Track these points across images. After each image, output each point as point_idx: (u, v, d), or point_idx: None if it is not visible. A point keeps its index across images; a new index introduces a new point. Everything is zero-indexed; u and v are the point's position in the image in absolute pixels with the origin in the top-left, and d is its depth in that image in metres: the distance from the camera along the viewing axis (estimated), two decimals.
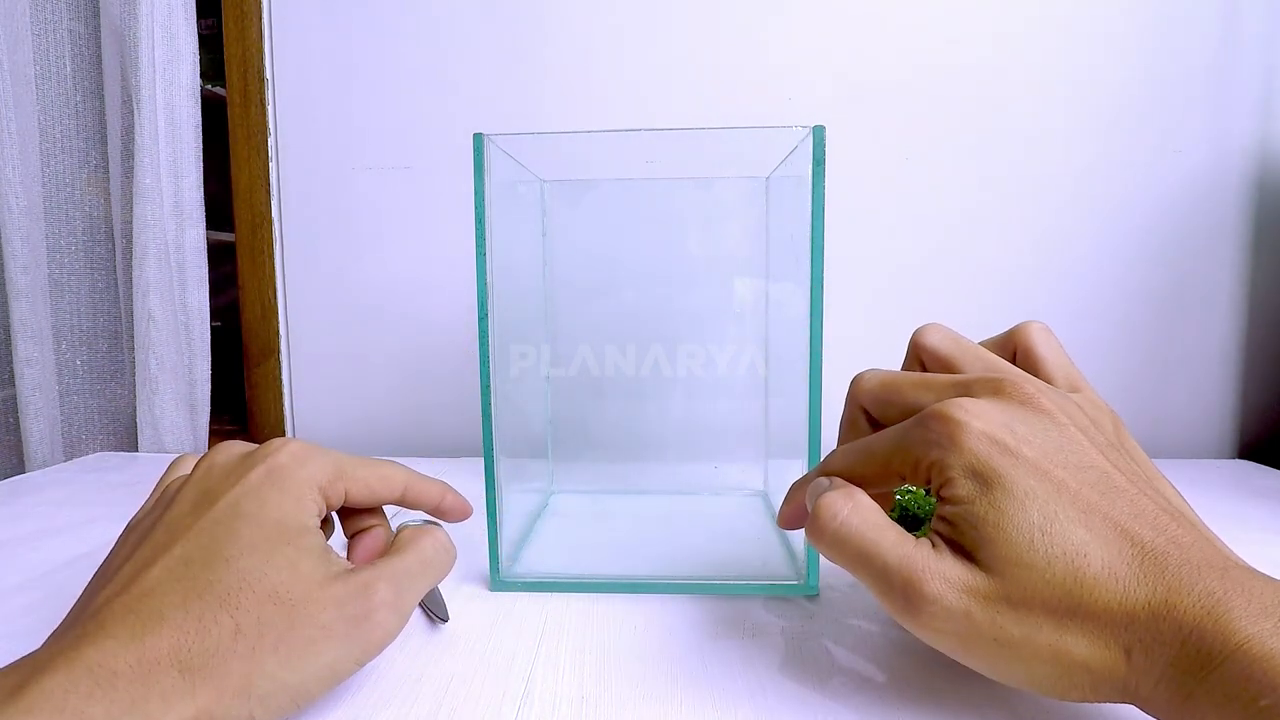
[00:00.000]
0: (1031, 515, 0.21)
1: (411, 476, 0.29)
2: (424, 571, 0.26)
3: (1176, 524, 0.21)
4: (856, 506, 0.24)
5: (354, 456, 0.28)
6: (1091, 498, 0.21)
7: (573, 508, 0.49)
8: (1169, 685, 0.19)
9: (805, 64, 0.66)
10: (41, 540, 0.43)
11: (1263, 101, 0.64)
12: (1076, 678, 0.21)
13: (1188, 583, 0.19)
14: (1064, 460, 0.22)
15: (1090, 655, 0.20)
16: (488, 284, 0.34)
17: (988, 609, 0.21)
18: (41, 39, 0.67)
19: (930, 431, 0.23)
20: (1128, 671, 0.20)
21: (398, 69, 0.68)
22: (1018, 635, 0.21)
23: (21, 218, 0.64)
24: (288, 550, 0.23)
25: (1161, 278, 0.66)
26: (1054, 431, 0.23)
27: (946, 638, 0.22)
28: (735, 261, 0.47)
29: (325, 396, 0.72)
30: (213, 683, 0.20)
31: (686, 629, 0.32)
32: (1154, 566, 0.20)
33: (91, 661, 0.19)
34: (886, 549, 0.23)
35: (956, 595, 0.21)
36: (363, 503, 0.28)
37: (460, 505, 0.31)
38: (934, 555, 0.22)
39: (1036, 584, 0.21)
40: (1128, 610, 0.20)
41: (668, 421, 0.50)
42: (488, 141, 0.34)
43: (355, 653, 0.23)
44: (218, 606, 0.21)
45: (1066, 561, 0.20)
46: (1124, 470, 0.22)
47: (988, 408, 0.23)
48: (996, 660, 0.22)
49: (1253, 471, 0.60)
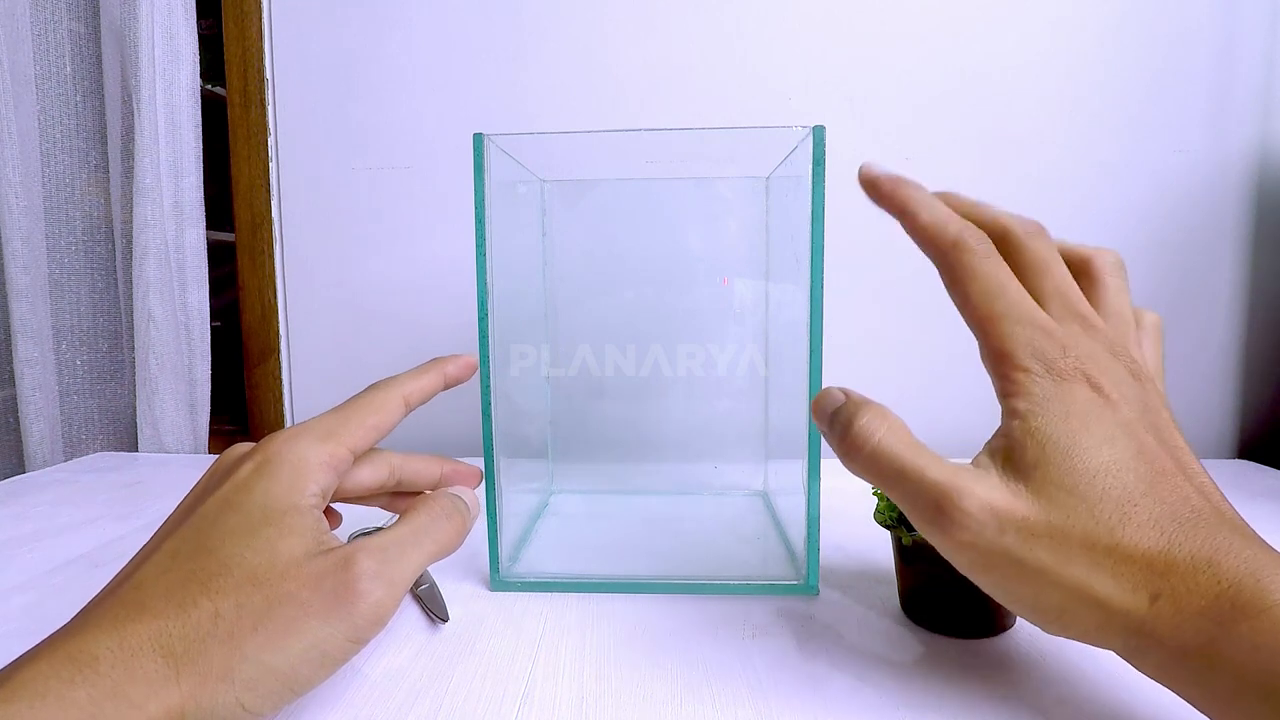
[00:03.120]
0: (1103, 453, 0.22)
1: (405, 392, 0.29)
2: (416, 540, 0.25)
3: (1226, 503, 0.22)
4: (892, 427, 0.24)
5: (339, 409, 0.27)
6: (1162, 459, 0.22)
7: (573, 508, 0.49)
8: (1189, 632, 0.20)
9: (805, 64, 0.66)
10: (41, 540, 0.43)
11: (1263, 102, 0.64)
12: (1087, 614, 0.21)
13: (1235, 547, 0.20)
14: (1149, 421, 0.23)
15: (1113, 594, 0.21)
16: (488, 284, 0.34)
17: (1023, 532, 0.22)
18: (41, 39, 0.67)
19: (1040, 340, 0.24)
20: (1146, 614, 0.20)
21: (398, 69, 0.68)
22: (1048, 563, 0.21)
23: (21, 218, 0.64)
24: (268, 531, 0.22)
25: (1161, 278, 0.66)
26: (1147, 397, 0.24)
27: (969, 553, 0.22)
28: (735, 262, 0.47)
29: (325, 396, 0.72)
30: (195, 668, 0.20)
31: (686, 629, 0.32)
32: (1204, 527, 0.21)
33: (73, 649, 0.19)
34: (925, 465, 0.23)
35: (992, 516, 0.22)
36: (370, 441, 0.27)
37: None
38: (976, 474, 0.23)
39: (1084, 517, 0.21)
40: (1169, 559, 0.20)
41: (668, 421, 0.50)
42: (488, 141, 0.34)
43: (343, 629, 0.22)
44: (198, 592, 0.21)
45: (1118, 504, 0.21)
46: (1187, 460, 0.23)
47: (1098, 353, 0.24)
48: (1011, 582, 0.22)
49: (1253, 471, 0.60)
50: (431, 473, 0.30)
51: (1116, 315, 0.26)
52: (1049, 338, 0.24)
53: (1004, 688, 0.26)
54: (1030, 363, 0.24)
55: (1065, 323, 0.25)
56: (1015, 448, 0.23)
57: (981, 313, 0.25)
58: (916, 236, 0.27)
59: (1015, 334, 0.24)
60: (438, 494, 0.28)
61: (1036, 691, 0.26)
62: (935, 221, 0.26)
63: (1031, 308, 0.25)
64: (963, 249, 0.25)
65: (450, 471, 0.31)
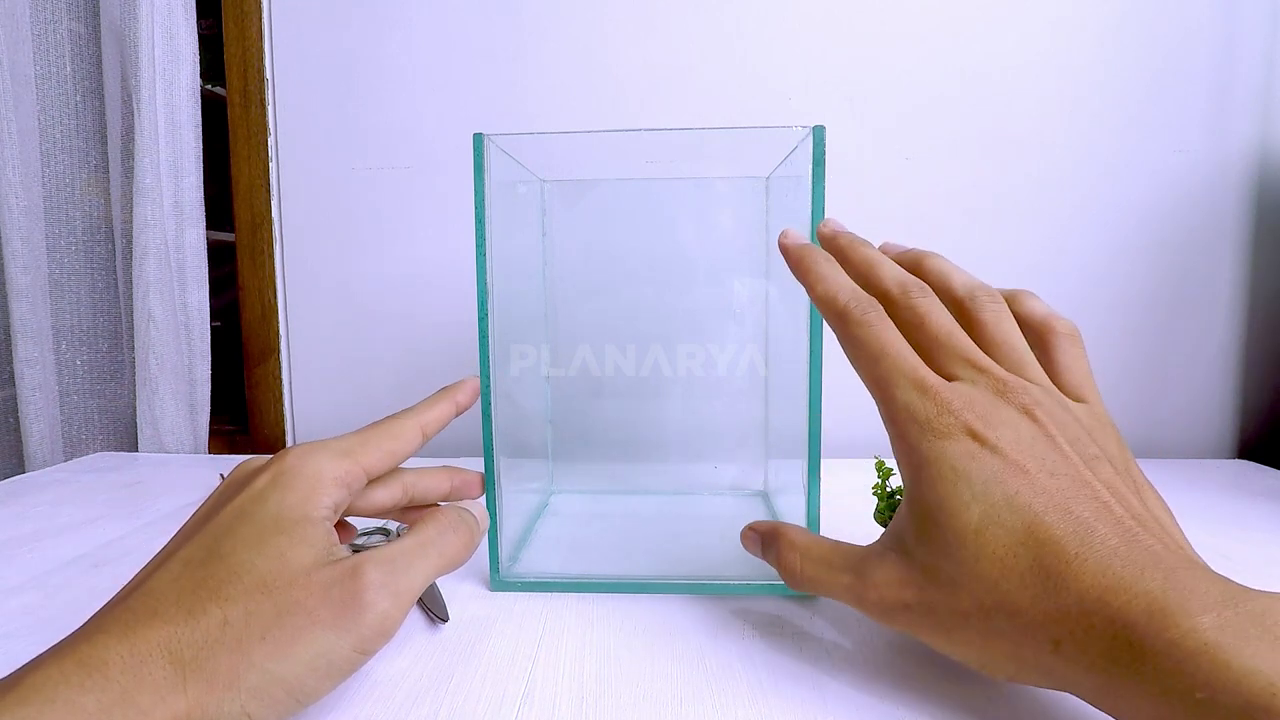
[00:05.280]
0: (973, 511, 0.22)
1: (422, 422, 0.30)
2: (423, 553, 0.25)
3: (1141, 527, 0.21)
4: (803, 554, 0.29)
5: (359, 431, 0.28)
6: (1051, 490, 0.22)
7: (573, 508, 0.49)
8: (1100, 675, 0.20)
9: (805, 64, 0.66)
10: (41, 540, 0.43)
11: (1263, 102, 0.64)
12: (1005, 664, 0.22)
13: (1128, 581, 0.19)
14: (1042, 450, 0.23)
15: (1015, 647, 0.21)
16: (488, 284, 0.34)
17: (920, 607, 0.24)
18: (41, 39, 0.67)
19: (916, 401, 0.24)
20: (1054, 661, 0.21)
21: (398, 69, 0.68)
22: (951, 625, 0.23)
23: (21, 218, 0.64)
24: (279, 540, 0.22)
25: (1162, 278, 0.66)
26: (1048, 425, 0.24)
27: (897, 628, 0.25)
28: (735, 261, 0.47)
29: (325, 396, 0.72)
30: (203, 675, 0.20)
31: (686, 629, 0.32)
32: (1093, 561, 0.20)
33: (83, 654, 0.19)
34: (838, 578, 0.27)
35: (892, 602, 0.25)
36: (386, 466, 0.28)
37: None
38: (875, 566, 0.25)
39: (967, 580, 0.22)
40: (1059, 606, 0.20)
41: (668, 421, 0.50)
42: (488, 141, 0.34)
43: (350, 640, 0.22)
44: (207, 599, 0.21)
45: (994, 559, 0.22)
46: (1102, 478, 0.23)
47: (979, 399, 0.24)
48: (934, 644, 0.24)
49: (1253, 471, 0.60)
50: (442, 486, 0.31)
51: (1002, 345, 0.26)
52: (925, 396, 0.24)
53: (1003, 688, 0.26)
54: (908, 427, 0.24)
55: (952, 370, 0.25)
56: (902, 526, 0.25)
57: (868, 380, 0.26)
58: (817, 307, 0.28)
59: (895, 399, 0.25)
60: (447, 508, 0.28)
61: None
62: (826, 293, 0.28)
63: (913, 367, 0.25)
64: (847, 319, 0.26)
65: (460, 483, 0.32)
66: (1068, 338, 0.28)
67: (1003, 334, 0.27)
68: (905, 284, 0.27)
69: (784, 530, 0.30)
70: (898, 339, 0.26)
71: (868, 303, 0.27)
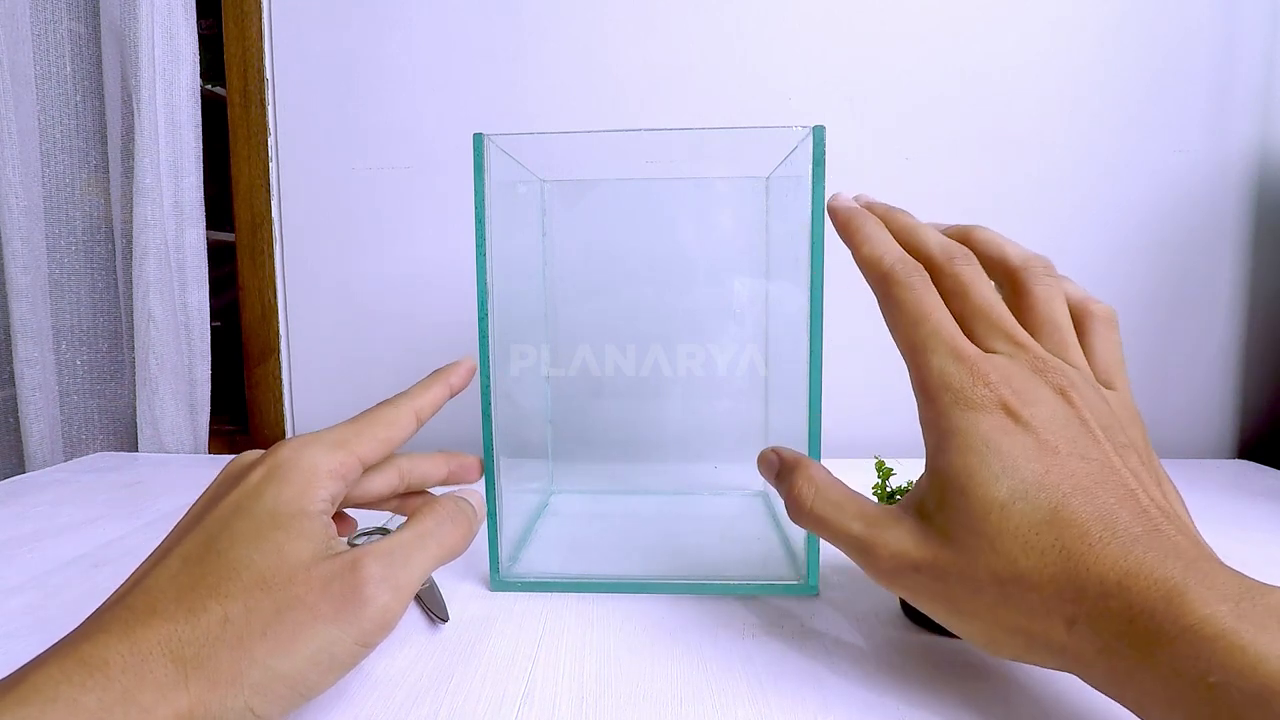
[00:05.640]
0: (1001, 485, 0.22)
1: (416, 407, 0.30)
2: (422, 544, 0.25)
3: (1164, 517, 0.21)
4: (819, 490, 0.27)
5: (353, 420, 0.27)
6: (1080, 474, 0.22)
7: (573, 508, 0.49)
8: (1113, 656, 0.20)
9: (805, 64, 0.66)
10: (41, 540, 0.43)
11: (1263, 102, 0.64)
12: (1011, 639, 0.22)
13: (1148, 567, 0.20)
14: (1075, 433, 0.23)
15: (1028, 622, 0.21)
16: (488, 284, 0.34)
17: (934, 571, 0.23)
18: (41, 39, 0.67)
19: (952, 369, 0.24)
20: (1067, 640, 0.21)
21: (398, 69, 0.68)
22: (960, 595, 0.23)
23: (21, 218, 0.64)
24: (277, 535, 0.22)
25: (1162, 278, 0.66)
26: (1081, 408, 0.23)
27: (893, 585, 0.25)
28: (735, 261, 0.47)
29: (325, 396, 0.72)
30: (205, 672, 0.20)
31: (686, 629, 0.32)
32: (1117, 546, 0.20)
33: (84, 653, 0.19)
34: (848, 523, 0.26)
35: (903, 562, 0.24)
36: (381, 454, 0.27)
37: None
38: (891, 524, 0.25)
39: (985, 552, 0.22)
40: (1076, 585, 0.20)
41: (668, 421, 0.50)
42: (488, 141, 0.34)
43: (351, 634, 0.22)
44: (207, 595, 0.21)
45: (1017, 534, 0.21)
46: (1129, 466, 0.23)
47: (1017, 374, 0.24)
48: (937, 611, 0.24)
49: (1253, 471, 0.60)
50: (438, 472, 0.31)
51: (1048, 324, 0.26)
52: (962, 365, 0.24)
53: (1003, 688, 0.26)
54: (940, 394, 0.24)
55: (991, 343, 0.25)
56: (922, 492, 0.25)
57: (904, 344, 0.26)
58: (860, 268, 0.28)
59: (929, 364, 0.25)
60: (444, 498, 0.28)
61: (1036, 691, 0.26)
62: (872, 254, 0.27)
63: (951, 335, 0.25)
64: (891, 281, 0.26)
65: (456, 468, 0.32)
66: (1104, 321, 0.28)
67: (1050, 312, 0.26)
68: (950, 250, 0.27)
69: (806, 463, 0.29)
70: (939, 305, 0.26)
71: (912, 266, 0.26)
